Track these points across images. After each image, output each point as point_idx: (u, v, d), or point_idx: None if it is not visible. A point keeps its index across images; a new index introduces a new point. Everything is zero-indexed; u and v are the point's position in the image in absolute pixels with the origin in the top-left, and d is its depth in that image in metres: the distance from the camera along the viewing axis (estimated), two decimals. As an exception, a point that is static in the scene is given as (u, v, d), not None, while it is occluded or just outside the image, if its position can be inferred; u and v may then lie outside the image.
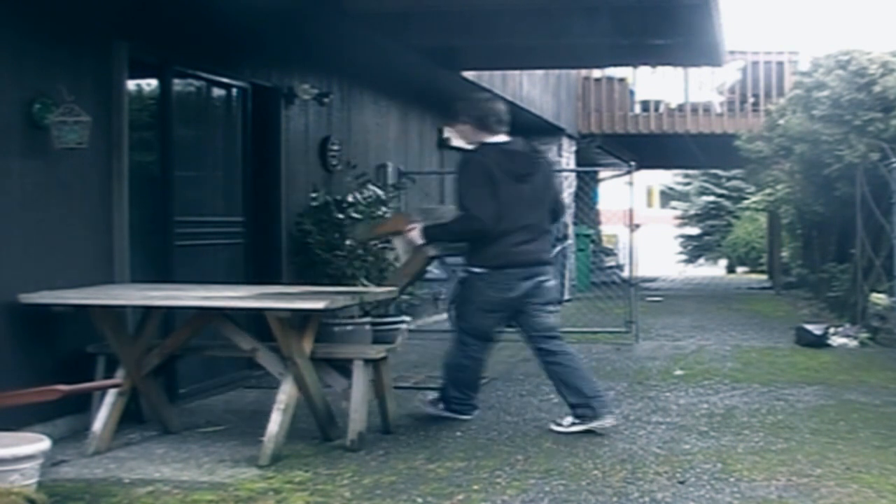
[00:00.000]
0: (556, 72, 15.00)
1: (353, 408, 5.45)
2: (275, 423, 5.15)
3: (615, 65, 15.11)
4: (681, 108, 17.56)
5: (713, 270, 29.10)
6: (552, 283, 6.05)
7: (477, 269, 5.94)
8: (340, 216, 8.38)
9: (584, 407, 5.82)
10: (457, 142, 12.92)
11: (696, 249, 32.70)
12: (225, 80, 7.54)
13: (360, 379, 5.50)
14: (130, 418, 5.71)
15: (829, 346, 9.82)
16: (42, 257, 5.46)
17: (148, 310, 5.56)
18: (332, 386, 5.74)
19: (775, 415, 6.39)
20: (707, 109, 17.51)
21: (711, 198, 31.41)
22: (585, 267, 17.07)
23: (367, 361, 5.57)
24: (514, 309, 5.93)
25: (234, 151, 7.72)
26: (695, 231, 32.68)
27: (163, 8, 6.45)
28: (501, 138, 6.02)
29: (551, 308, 6.05)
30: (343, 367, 5.70)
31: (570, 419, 5.86)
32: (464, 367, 6.08)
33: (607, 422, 5.84)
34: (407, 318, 9.48)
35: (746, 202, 24.38)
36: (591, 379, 6.09)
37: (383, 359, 5.75)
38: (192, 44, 6.94)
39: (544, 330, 5.97)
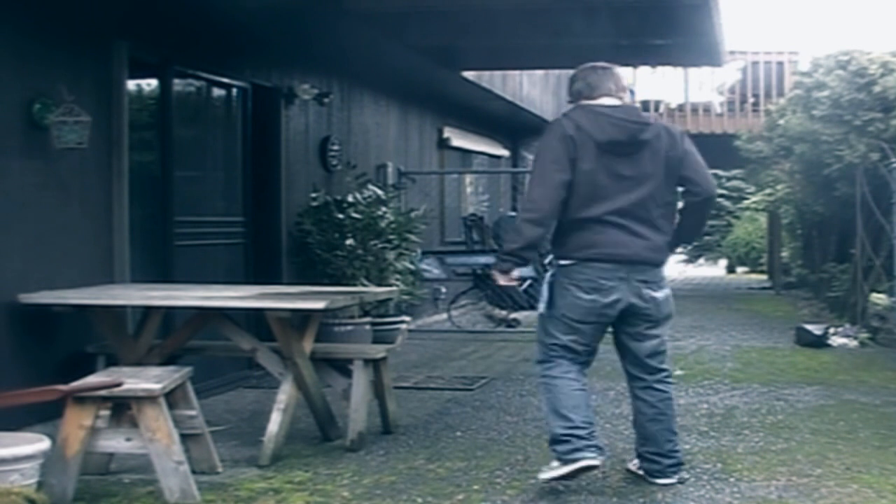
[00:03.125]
0: (556, 72, 15.00)
1: (353, 408, 5.45)
2: (275, 423, 5.15)
3: (615, 65, 15.09)
4: (681, 108, 17.56)
5: (713, 270, 29.07)
6: (662, 294, 4.74)
7: (562, 262, 4.67)
8: (340, 216, 8.38)
9: (651, 461, 4.76)
10: (458, 142, 12.95)
11: (695, 249, 32.66)
12: (225, 80, 7.55)
13: (360, 379, 5.51)
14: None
15: (829, 346, 9.82)
16: (42, 257, 5.46)
17: (148, 310, 5.56)
18: (332, 386, 5.74)
19: (775, 415, 6.38)
20: (707, 109, 17.51)
21: (711, 198, 31.35)
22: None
23: (367, 361, 5.58)
24: (607, 323, 4.78)
25: (234, 151, 7.73)
26: (695, 231, 32.60)
27: (163, 8, 6.45)
28: (604, 101, 4.77)
29: (656, 330, 4.81)
30: (343, 367, 5.71)
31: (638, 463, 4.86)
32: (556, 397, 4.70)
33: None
34: (407, 318, 9.49)
35: (746, 202, 24.35)
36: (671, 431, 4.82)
37: (383, 359, 5.75)
38: (192, 44, 6.94)
39: (646, 357, 4.87)
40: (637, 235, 4.61)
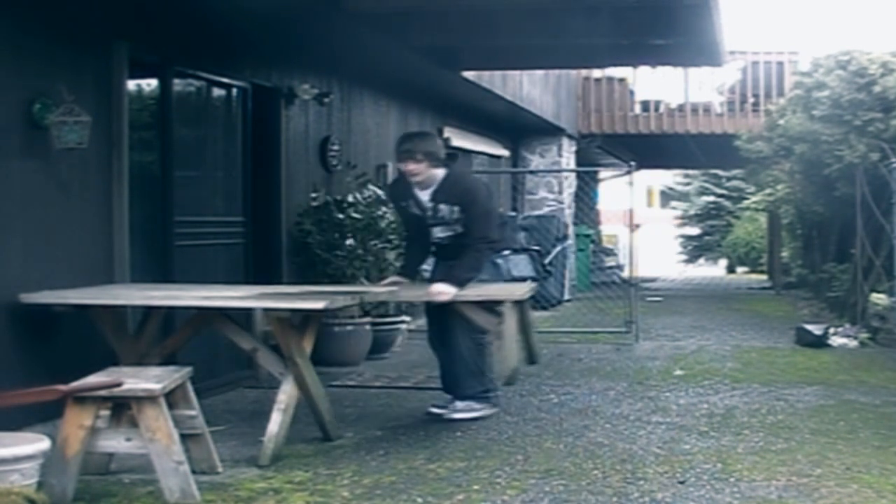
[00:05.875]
0: (556, 72, 14.99)
1: (506, 345, 5.73)
2: (275, 423, 5.15)
3: (615, 65, 15.10)
4: (681, 108, 17.54)
5: (713, 270, 29.09)
6: None
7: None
8: (340, 216, 8.38)
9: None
10: (458, 142, 12.94)
11: (696, 249, 32.68)
12: (225, 80, 7.54)
13: (510, 318, 5.72)
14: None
15: (829, 346, 9.82)
16: (42, 257, 5.46)
17: (148, 310, 5.56)
18: (484, 326, 6.02)
19: (775, 415, 6.39)
20: (707, 109, 17.49)
21: (711, 198, 31.39)
22: (585, 267, 17.06)
23: (515, 303, 5.82)
24: None
25: (234, 151, 7.72)
26: (695, 231, 32.66)
27: (163, 8, 6.45)
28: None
29: None
30: (491, 309, 5.98)
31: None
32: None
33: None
34: (407, 318, 9.48)
35: (746, 202, 24.36)
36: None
37: (527, 300, 6.18)
38: (192, 44, 6.94)
39: None
40: None
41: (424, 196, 6.16)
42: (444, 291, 5.95)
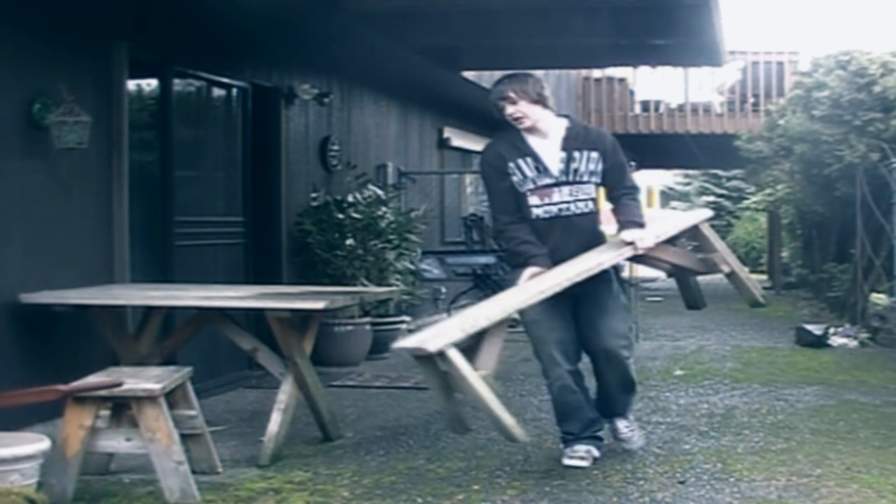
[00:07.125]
0: (556, 72, 14.98)
1: (740, 273, 6.01)
2: (275, 423, 5.16)
3: (615, 65, 15.10)
4: (681, 108, 17.54)
5: (713, 270, 29.10)
6: None
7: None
8: (340, 216, 8.39)
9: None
10: (458, 142, 12.95)
11: (695, 250, 32.66)
12: (225, 80, 7.55)
13: (718, 242, 6.02)
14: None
15: (829, 346, 9.82)
16: (42, 257, 5.46)
17: (148, 310, 5.57)
18: (700, 268, 6.01)
19: (775, 415, 6.39)
20: (707, 109, 17.49)
21: (711, 198, 31.39)
22: (585, 267, 17.02)
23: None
24: None
25: (234, 151, 7.73)
26: (695, 231, 32.62)
27: (163, 8, 6.45)
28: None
29: None
30: None
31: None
32: None
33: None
34: (407, 318, 9.49)
35: (746, 202, 24.36)
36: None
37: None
38: (192, 44, 6.95)
39: None
40: None
41: (550, 148, 5.07)
42: (644, 236, 5.04)
